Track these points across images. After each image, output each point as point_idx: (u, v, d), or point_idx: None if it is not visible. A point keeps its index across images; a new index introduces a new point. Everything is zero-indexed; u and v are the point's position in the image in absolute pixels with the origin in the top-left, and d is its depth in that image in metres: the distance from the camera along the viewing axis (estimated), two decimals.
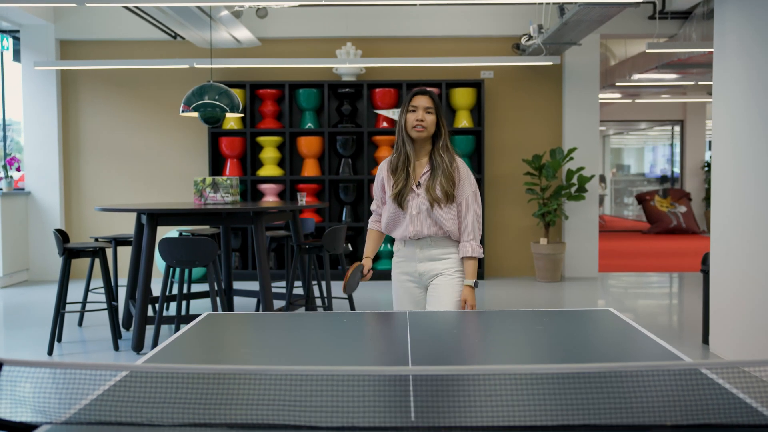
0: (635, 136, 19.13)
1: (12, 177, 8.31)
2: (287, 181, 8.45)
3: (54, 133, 8.51)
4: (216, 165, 8.51)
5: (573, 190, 8.25)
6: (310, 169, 8.45)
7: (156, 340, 4.96)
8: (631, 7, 6.30)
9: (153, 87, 8.65)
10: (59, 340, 5.45)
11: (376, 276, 8.26)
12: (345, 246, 6.02)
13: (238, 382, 1.72)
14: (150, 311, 6.06)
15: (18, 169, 8.44)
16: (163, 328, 5.62)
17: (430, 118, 3.06)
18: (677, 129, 15.62)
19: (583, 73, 8.47)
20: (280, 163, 8.57)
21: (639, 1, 5.52)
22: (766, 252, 4.42)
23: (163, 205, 5.87)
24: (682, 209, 14.06)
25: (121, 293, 7.13)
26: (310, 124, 8.45)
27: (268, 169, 8.44)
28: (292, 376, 1.65)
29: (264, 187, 8.38)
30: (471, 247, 3.07)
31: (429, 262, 3.11)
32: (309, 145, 8.40)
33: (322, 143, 8.45)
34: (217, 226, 6.47)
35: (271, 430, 1.44)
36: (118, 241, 6.02)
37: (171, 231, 7.19)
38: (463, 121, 8.37)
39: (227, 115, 6.20)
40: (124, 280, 7.69)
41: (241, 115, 8.12)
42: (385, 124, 8.38)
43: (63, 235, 5.32)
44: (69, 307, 6.54)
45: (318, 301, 6.44)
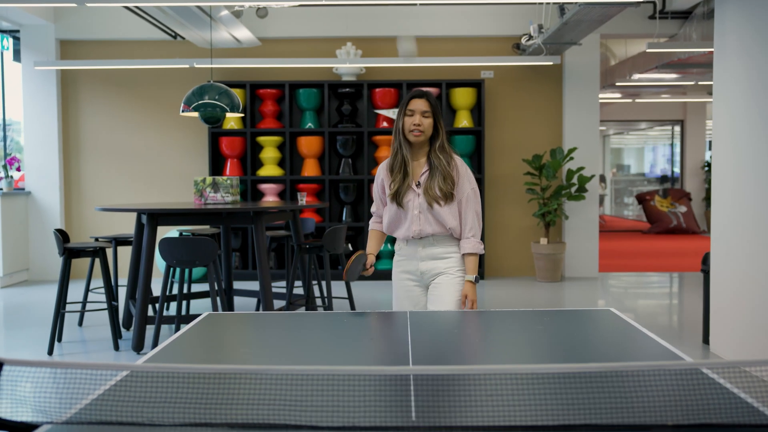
0: (635, 136, 19.13)
1: (12, 177, 8.31)
2: (287, 181, 8.45)
3: (54, 133, 8.51)
4: (216, 165, 8.51)
5: (573, 190, 8.25)
6: (310, 169, 8.45)
7: (156, 339, 4.96)
8: (632, 7, 6.29)
9: (153, 87, 8.65)
10: (59, 340, 5.45)
11: (377, 276, 8.28)
12: (345, 246, 6.02)
13: (238, 381, 1.72)
14: (150, 311, 6.05)
15: (18, 169, 8.44)
16: (164, 328, 5.62)
17: (427, 121, 3.07)
18: (677, 129, 15.62)
19: (583, 72, 8.47)
20: (281, 163, 8.57)
21: (639, 0, 5.52)
22: (766, 252, 4.42)
23: (164, 205, 5.87)
24: (683, 209, 14.06)
25: (122, 293, 7.13)
26: (310, 124, 8.45)
27: (268, 169, 8.44)
28: (293, 376, 1.65)
29: (264, 187, 8.38)
30: (472, 244, 3.09)
31: (431, 260, 3.11)
32: (309, 145, 8.40)
33: (322, 143, 8.45)
34: (218, 226, 6.47)
35: (272, 430, 1.44)
36: (119, 241, 6.02)
37: (171, 231, 7.19)
38: (463, 121, 8.37)
39: (227, 115, 6.20)
40: (124, 280, 7.69)
41: (241, 115, 8.12)
42: (385, 124, 8.38)
43: (63, 235, 5.31)
44: (69, 306, 6.54)
45: (318, 301, 6.44)
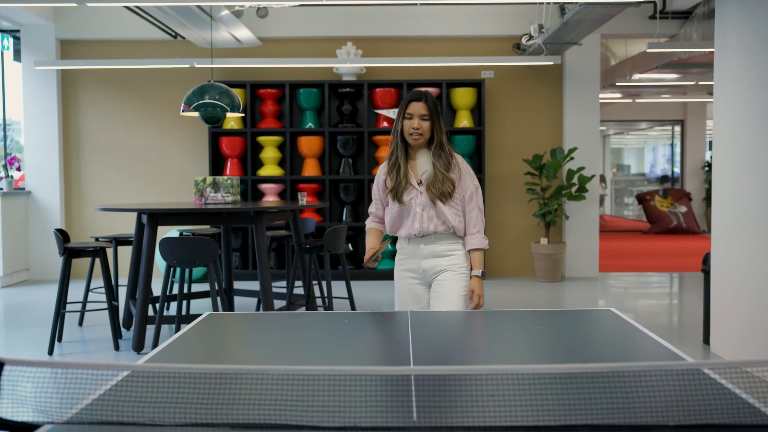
0: (635, 136, 19.12)
1: (12, 177, 8.31)
2: (287, 181, 8.45)
3: (54, 132, 8.51)
4: (216, 165, 8.51)
5: (573, 190, 8.25)
6: (310, 168, 8.45)
7: (156, 339, 4.96)
8: (632, 7, 6.30)
9: (153, 87, 8.65)
10: (60, 340, 5.45)
11: (377, 276, 8.29)
12: (345, 246, 6.02)
13: (239, 382, 1.72)
14: (150, 311, 6.05)
15: (18, 169, 8.44)
16: (164, 328, 5.62)
17: (426, 125, 3.08)
18: (677, 129, 15.62)
19: (583, 72, 8.46)
20: (281, 163, 8.57)
21: (639, 0, 5.52)
22: (766, 252, 4.42)
23: (164, 205, 5.87)
24: (683, 209, 14.06)
25: (122, 293, 7.13)
26: (310, 124, 8.45)
27: (269, 169, 8.44)
28: (294, 376, 1.65)
29: (264, 186, 8.38)
30: (477, 239, 3.13)
31: (433, 258, 3.12)
32: (309, 144, 8.39)
33: (322, 143, 8.44)
34: (218, 226, 6.47)
35: (273, 430, 1.44)
36: (119, 241, 6.02)
37: (171, 231, 7.19)
38: (463, 120, 8.36)
39: (228, 114, 6.20)
40: (124, 279, 7.68)
41: (241, 115, 8.12)
42: (385, 124, 8.38)
43: (63, 235, 5.31)
44: (69, 306, 6.54)
45: (318, 301, 6.44)
